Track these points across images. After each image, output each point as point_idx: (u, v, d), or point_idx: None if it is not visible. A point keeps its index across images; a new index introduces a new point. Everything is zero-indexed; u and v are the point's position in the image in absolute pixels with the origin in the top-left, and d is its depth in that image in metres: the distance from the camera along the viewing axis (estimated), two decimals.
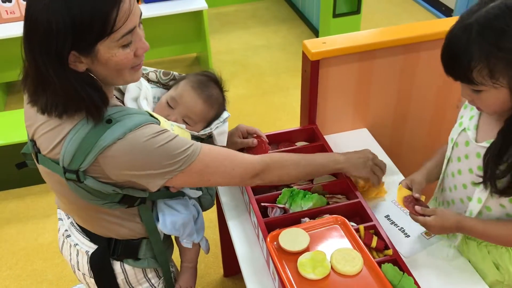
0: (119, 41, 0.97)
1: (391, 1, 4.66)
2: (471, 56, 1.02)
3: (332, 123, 1.82)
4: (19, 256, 2.33)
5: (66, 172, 1.03)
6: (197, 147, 1.11)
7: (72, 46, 0.93)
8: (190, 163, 1.09)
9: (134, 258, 1.28)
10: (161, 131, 1.06)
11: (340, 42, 1.64)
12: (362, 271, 1.19)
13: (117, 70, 1.02)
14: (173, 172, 1.07)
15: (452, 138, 1.32)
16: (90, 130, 1.00)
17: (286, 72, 3.65)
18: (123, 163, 1.03)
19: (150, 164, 1.05)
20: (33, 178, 2.66)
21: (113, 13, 0.93)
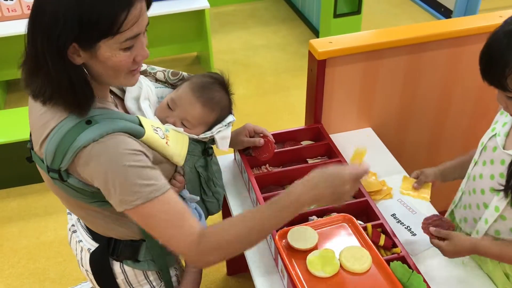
0: (122, 43, 0.97)
1: (391, 2, 4.68)
2: (507, 63, 1.01)
3: (337, 123, 1.82)
4: (21, 254, 2.33)
5: (49, 171, 1.03)
6: (160, 188, 1.01)
7: (74, 39, 0.93)
8: (145, 201, 0.99)
9: (133, 260, 1.26)
10: (137, 151, 1.01)
11: (346, 42, 1.64)
12: (371, 269, 1.21)
13: (113, 70, 1.01)
14: (127, 203, 0.99)
15: (482, 141, 1.31)
16: (70, 129, 0.99)
17: (287, 72, 3.65)
18: (92, 167, 0.99)
19: (111, 179, 0.98)
20: (34, 176, 2.63)
21: (122, 16, 0.93)
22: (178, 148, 1.20)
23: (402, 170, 1.67)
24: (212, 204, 1.44)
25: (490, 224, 1.25)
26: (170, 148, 1.16)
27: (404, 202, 1.53)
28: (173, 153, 1.17)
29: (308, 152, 1.65)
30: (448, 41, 1.73)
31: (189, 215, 1.05)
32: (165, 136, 1.16)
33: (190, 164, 1.33)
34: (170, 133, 1.19)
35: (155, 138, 1.10)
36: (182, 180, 1.26)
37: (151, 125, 1.12)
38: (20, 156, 2.46)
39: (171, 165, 1.20)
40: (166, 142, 1.14)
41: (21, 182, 2.70)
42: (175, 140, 1.19)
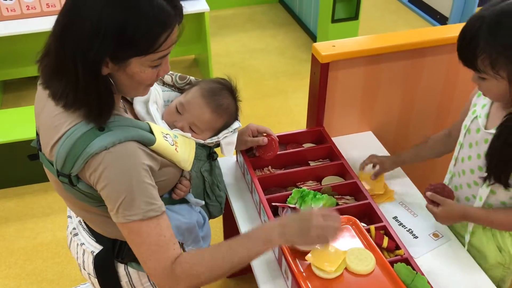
0: (153, 62, 0.98)
1: (387, 8, 4.72)
2: (477, 45, 1.09)
3: (338, 126, 1.84)
4: (18, 255, 2.31)
5: (59, 175, 1.03)
6: (157, 209, 1.03)
7: (112, 52, 0.93)
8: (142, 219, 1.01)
9: (138, 262, 1.23)
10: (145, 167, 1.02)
11: (349, 46, 1.66)
12: (375, 271, 1.22)
13: (137, 83, 1.02)
14: (123, 216, 1.00)
15: (465, 124, 1.37)
16: (82, 135, 0.98)
17: (285, 75, 3.67)
18: (99, 174, 0.99)
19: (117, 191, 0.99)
20: (32, 177, 2.64)
21: (162, 38, 0.94)
22: (186, 154, 1.20)
23: (403, 174, 1.69)
24: (214, 207, 1.45)
25: (484, 201, 1.31)
26: (179, 154, 1.16)
27: (406, 205, 1.55)
28: (182, 159, 1.17)
29: (310, 154, 1.66)
30: (448, 46, 1.75)
31: (175, 241, 1.06)
32: (174, 142, 1.16)
33: (196, 169, 1.33)
34: (178, 139, 1.20)
35: (165, 145, 1.11)
36: (188, 185, 1.27)
37: (161, 132, 1.13)
38: (18, 157, 2.48)
39: (178, 169, 1.20)
40: (175, 148, 1.15)
41: (18, 182, 2.69)
42: (183, 146, 1.20)
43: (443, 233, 1.45)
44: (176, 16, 0.96)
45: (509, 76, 1.10)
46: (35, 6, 2.92)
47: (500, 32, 1.07)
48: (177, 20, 0.97)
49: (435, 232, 1.45)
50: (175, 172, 1.18)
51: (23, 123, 2.60)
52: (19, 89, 3.45)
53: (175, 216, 1.25)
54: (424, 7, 4.46)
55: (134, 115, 1.23)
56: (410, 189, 1.62)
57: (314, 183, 1.58)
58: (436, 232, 1.45)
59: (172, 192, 1.25)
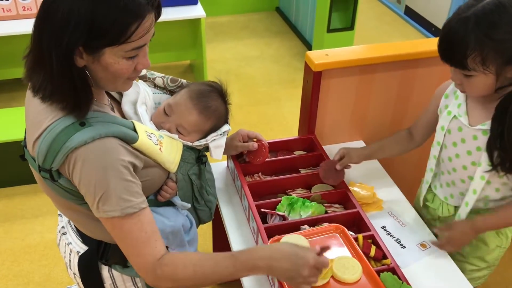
0: (126, 52, 0.98)
1: (383, 19, 4.75)
2: (467, 45, 1.14)
3: (330, 134, 1.84)
4: (5, 256, 2.29)
5: (41, 170, 1.03)
6: (137, 205, 1.03)
7: (82, 43, 0.94)
8: (120, 215, 1.01)
9: (122, 265, 1.25)
10: (125, 163, 1.02)
11: (342, 55, 1.67)
12: (361, 279, 1.22)
13: (113, 76, 1.02)
14: (103, 211, 1.01)
15: (442, 126, 1.41)
16: (63, 129, 0.99)
17: (279, 83, 3.68)
18: (78, 169, 1.00)
19: (94, 184, 0.99)
20: (22, 178, 2.62)
21: (133, 26, 0.95)
22: (171, 155, 1.20)
23: (393, 183, 1.69)
24: (204, 212, 1.44)
25: (479, 192, 1.35)
26: (163, 154, 1.16)
27: (394, 214, 1.55)
28: (166, 160, 1.17)
29: (300, 162, 1.66)
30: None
31: (157, 238, 1.07)
32: (159, 142, 1.16)
33: (183, 171, 1.33)
34: (164, 140, 1.20)
35: (148, 144, 1.10)
36: (174, 187, 1.26)
37: (145, 130, 1.13)
38: (9, 157, 2.46)
39: (164, 171, 1.20)
40: (159, 148, 1.14)
41: (8, 183, 2.67)
42: (169, 147, 1.20)
43: (431, 244, 1.45)
44: (147, 5, 0.96)
45: (498, 69, 1.16)
46: (31, 7, 2.92)
47: (491, 29, 1.13)
48: (148, 9, 0.97)
49: (422, 243, 1.45)
50: (160, 173, 1.18)
51: (14, 124, 2.58)
52: (11, 90, 3.44)
53: (159, 218, 1.24)
54: (420, 20, 4.50)
55: (122, 115, 1.24)
56: (399, 199, 1.62)
57: (304, 191, 1.58)
58: (424, 242, 1.45)
59: (158, 194, 1.25)
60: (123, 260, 1.23)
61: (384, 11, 4.91)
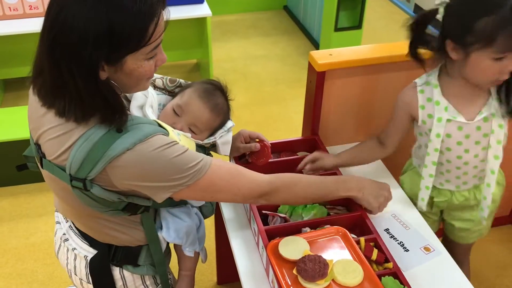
0: (147, 54, 0.97)
1: (392, 18, 4.71)
2: None
3: (334, 135, 1.82)
4: (10, 255, 2.30)
5: (72, 179, 1.01)
6: (206, 163, 1.08)
7: (105, 56, 0.91)
8: (197, 179, 1.06)
9: (133, 265, 1.26)
10: (171, 143, 1.04)
11: (346, 55, 1.65)
12: (362, 283, 1.20)
13: (137, 79, 1.01)
14: (179, 186, 1.05)
15: (438, 133, 1.41)
16: (100, 138, 0.98)
17: (285, 82, 3.66)
18: (131, 173, 1.01)
19: (157, 177, 1.02)
20: (27, 177, 2.63)
21: (151, 28, 0.93)
22: None
23: (396, 185, 1.67)
24: (207, 208, 1.45)
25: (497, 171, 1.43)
26: None
27: (398, 217, 1.53)
28: None
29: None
30: None
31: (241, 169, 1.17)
32: (180, 139, 1.19)
33: None
34: (182, 139, 1.22)
35: (176, 140, 1.11)
36: None
37: (168, 127, 1.15)
38: (14, 156, 2.46)
39: None
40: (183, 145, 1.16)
41: (13, 181, 2.68)
42: (186, 144, 1.20)
43: (434, 247, 1.43)
44: (159, 2, 0.95)
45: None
46: (37, 6, 2.93)
47: None
48: (160, 5, 0.95)
49: (426, 246, 1.43)
50: None
51: (21, 123, 2.59)
52: (19, 88, 3.46)
53: (175, 219, 1.28)
54: None
55: None
56: (403, 201, 1.60)
57: None
58: (428, 246, 1.43)
59: None
60: (134, 260, 1.26)
61: (393, 10, 4.87)
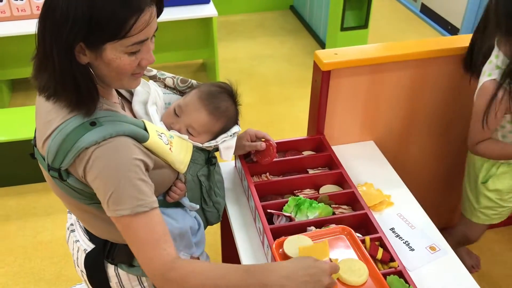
0: (127, 47, 0.98)
1: (398, 18, 4.70)
2: None
3: (339, 134, 1.82)
4: (17, 253, 2.32)
5: (50, 169, 1.03)
6: (149, 205, 1.01)
7: (82, 38, 0.94)
8: (129, 214, 1.00)
9: (128, 264, 1.25)
10: (137, 161, 1.01)
11: (351, 54, 1.65)
12: (367, 282, 1.20)
13: (117, 73, 1.02)
14: (114, 210, 1.00)
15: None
16: (73, 129, 0.99)
17: (291, 82, 3.66)
18: (90, 169, 0.99)
19: (107, 183, 0.99)
20: (35, 176, 2.65)
21: (131, 20, 0.94)
22: (181, 155, 1.19)
23: (403, 185, 1.66)
24: (211, 214, 1.42)
25: None
26: (173, 154, 1.15)
27: (404, 216, 1.52)
28: (176, 160, 1.17)
29: (309, 162, 1.64)
30: (454, 57, 1.73)
31: (167, 240, 1.03)
32: (169, 142, 1.16)
33: (192, 172, 1.32)
34: (174, 140, 1.19)
35: (158, 144, 1.10)
36: (183, 188, 1.26)
37: (156, 130, 1.13)
38: (22, 155, 2.49)
39: (173, 171, 1.20)
40: (169, 148, 1.14)
41: (21, 181, 2.70)
42: (179, 147, 1.19)
43: (440, 247, 1.42)
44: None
45: None
46: None
47: None
48: (147, 2, 0.96)
49: (432, 245, 1.42)
50: (169, 173, 1.18)
51: (30, 122, 2.60)
52: (27, 88, 3.48)
53: (168, 220, 1.24)
54: (436, 18, 4.44)
55: (133, 114, 1.24)
56: (409, 201, 1.60)
57: (311, 191, 1.56)
58: (433, 245, 1.42)
59: (166, 195, 1.24)
60: (129, 260, 1.24)
61: (399, 9, 4.86)
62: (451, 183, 2.13)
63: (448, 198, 2.18)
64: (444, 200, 2.19)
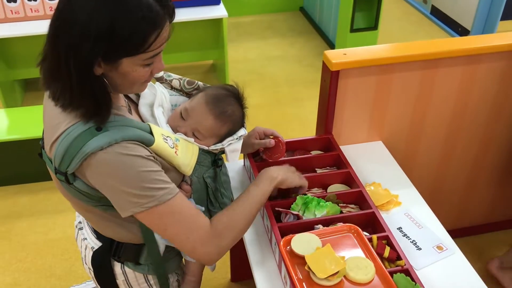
0: (144, 60, 0.99)
1: (409, 19, 4.69)
2: None
3: (348, 134, 1.83)
4: (29, 250, 2.36)
5: (57, 172, 1.04)
6: (173, 190, 1.07)
7: (102, 54, 0.94)
8: (159, 203, 1.04)
9: (135, 262, 1.26)
10: (147, 157, 1.03)
11: (360, 54, 1.66)
12: (374, 280, 1.20)
13: (130, 82, 1.04)
14: (140, 204, 1.03)
15: None
16: (79, 134, 0.99)
17: (301, 83, 3.67)
18: (99, 174, 1.01)
19: (121, 184, 1.01)
20: (46, 174, 2.67)
21: (152, 37, 0.95)
22: (187, 158, 1.20)
23: (411, 185, 1.67)
24: None
25: None
26: (179, 157, 1.16)
27: (411, 216, 1.53)
28: (182, 163, 1.18)
29: (317, 161, 1.66)
30: (463, 58, 1.74)
31: (198, 212, 1.14)
32: (175, 145, 1.17)
33: (198, 174, 1.33)
34: (180, 143, 1.20)
35: (164, 147, 1.11)
36: (189, 190, 1.26)
37: (162, 133, 1.14)
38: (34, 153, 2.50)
39: (179, 174, 1.21)
40: (175, 151, 1.15)
41: (33, 179, 2.74)
42: (184, 150, 1.20)
43: (447, 246, 1.43)
44: (165, 15, 0.97)
45: None
46: None
47: None
48: (166, 19, 0.98)
49: (439, 245, 1.43)
50: (175, 176, 1.19)
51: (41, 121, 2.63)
52: (39, 88, 3.50)
53: None
54: (446, 20, 4.43)
55: (139, 116, 1.25)
56: (416, 200, 1.60)
57: (319, 190, 1.57)
58: (440, 244, 1.43)
59: None
60: (135, 258, 1.26)
61: (409, 11, 4.85)
62: (459, 184, 2.13)
63: (455, 198, 2.19)
64: (452, 200, 2.19)
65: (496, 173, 2.14)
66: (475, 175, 2.12)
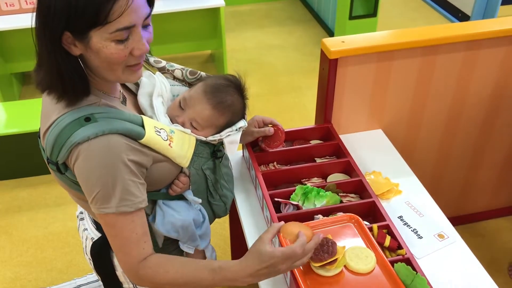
0: (111, 34, 0.96)
1: (408, 5, 4.65)
2: None
3: (347, 123, 1.82)
4: (29, 243, 2.35)
5: (48, 162, 1.05)
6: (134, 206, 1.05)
7: (65, 27, 0.94)
8: (114, 212, 1.03)
9: None
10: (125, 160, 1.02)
11: (359, 42, 1.64)
12: (375, 270, 1.20)
13: (108, 63, 1.01)
14: (99, 208, 1.03)
15: None
16: (68, 124, 1.00)
17: (300, 72, 3.65)
18: (80, 164, 1.01)
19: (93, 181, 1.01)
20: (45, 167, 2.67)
21: (107, 5, 0.93)
22: (183, 150, 1.19)
23: (411, 173, 1.66)
24: (218, 207, 1.41)
25: None
26: (173, 150, 1.15)
27: (412, 204, 1.52)
28: (177, 155, 1.16)
29: (316, 151, 1.64)
30: (463, 44, 1.72)
31: (146, 240, 1.09)
32: (169, 137, 1.15)
33: (197, 166, 1.31)
34: (175, 134, 1.18)
35: (156, 140, 1.10)
36: (186, 181, 1.25)
37: (154, 126, 1.12)
38: (33, 147, 2.51)
39: (175, 166, 1.19)
40: (169, 143, 1.14)
41: (32, 172, 2.73)
42: (180, 142, 1.19)
43: (448, 234, 1.42)
44: None
45: None
46: None
47: None
48: None
49: (440, 233, 1.42)
50: (171, 168, 1.18)
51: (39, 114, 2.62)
52: None
53: (170, 212, 1.24)
54: (446, 5, 4.39)
55: (138, 107, 1.24)
56: (417, 189, 1.59)
57: (319, 180, 1.56)
58: (442, 233, 1.42)
59: (169, 188, 1.25)
60: None
61: None
62: (459, 172, 2.12)
63: (457, 185, 2.17)
64: (453, 188, 2.18)
65: (498, 158, 2.13)
66: (476, 161, 2.11)
